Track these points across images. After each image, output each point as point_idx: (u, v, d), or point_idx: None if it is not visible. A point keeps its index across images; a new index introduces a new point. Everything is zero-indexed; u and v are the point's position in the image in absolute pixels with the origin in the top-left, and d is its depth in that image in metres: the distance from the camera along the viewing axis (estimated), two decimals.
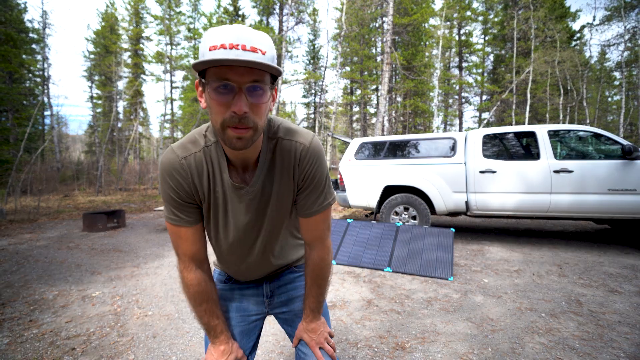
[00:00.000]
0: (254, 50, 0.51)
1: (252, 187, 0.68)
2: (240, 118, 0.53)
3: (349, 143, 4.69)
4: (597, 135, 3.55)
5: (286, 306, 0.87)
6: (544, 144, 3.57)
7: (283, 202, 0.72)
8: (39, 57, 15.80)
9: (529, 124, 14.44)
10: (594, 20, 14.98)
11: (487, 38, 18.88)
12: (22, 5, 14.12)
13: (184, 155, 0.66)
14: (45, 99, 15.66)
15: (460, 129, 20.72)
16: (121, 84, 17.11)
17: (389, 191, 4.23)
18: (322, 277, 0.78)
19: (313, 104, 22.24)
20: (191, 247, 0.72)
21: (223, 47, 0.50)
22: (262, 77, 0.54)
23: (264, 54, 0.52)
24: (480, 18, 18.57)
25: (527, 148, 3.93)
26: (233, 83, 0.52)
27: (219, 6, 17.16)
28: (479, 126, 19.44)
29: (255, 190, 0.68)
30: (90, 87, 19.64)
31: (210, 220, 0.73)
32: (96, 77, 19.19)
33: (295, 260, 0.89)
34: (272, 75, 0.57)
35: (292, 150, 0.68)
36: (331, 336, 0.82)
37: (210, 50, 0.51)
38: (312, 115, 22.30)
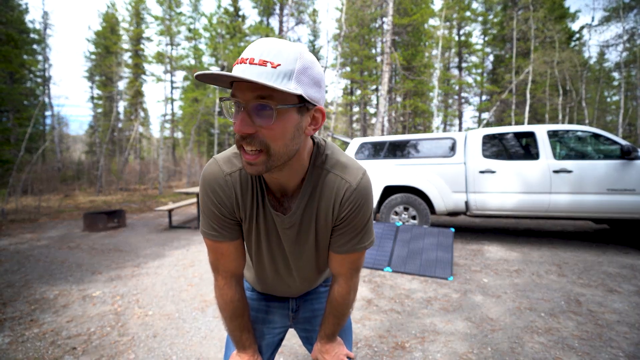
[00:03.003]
0: (262, 63, 0.45)
1: (289, 217, 0.63)
2: (241, 137, 0.50)
3: (349, 143, 4.70)
4: (596, 136, 3.56)
5: (309, 323, 0.86)
6: (544, 144, 3.58)
7: (320, 236, 0.67)
8: (39, 57, 15.84)
9: (528, 124, 14.45)
10: (592, 21, 15.01)
11: (486, 38, 18.89)
12: (23, 6, 14.15)
13: (229, 171, 0.62)
14: (46, 99, 15.69)
15: (460, 129, 20.73)
16: (122, 84, 17.13)
17: (389, 191, 4.24)
18: (339, 312, 0.74)
19: None
20: (233, 263, 0.69)
21: (237, 63, 0.47)
22: (267, 93, 0.47)
23: (275, 67, 0.45)
24: (480, 18, 18.59)
25: (526, 148, 3.93)
26: (239, 100, 0.48)
27: (219, 6, 17.17)
28: (479, 126, 19.46)
29: (293, 221, 0.64)
30: (91, 88, 19.68)
31: (245, 238, 0.71)
32: (97, 78, 19.22)
33: (323, 280, 0.88)
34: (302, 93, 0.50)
35: (336, 187, 0.62)
36: (350, 358, 0.79)
37: (233, 66, 0.48)
38: None
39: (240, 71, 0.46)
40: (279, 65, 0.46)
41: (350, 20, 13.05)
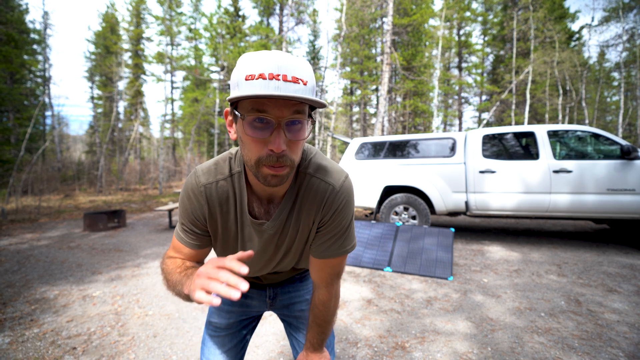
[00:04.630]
0: (295, 80, 0.46)
1: (273, 221, 0.64)
2: (278, 157, 0.50)
3: (349, 143, 4.70)
4: (596, 136, 3.56)
5: (287, 309, 0.89)
6: (543, 144, 3.58)
7: (302, 240, 0.69)
8: (40, 57, 15.85)
9: (528, 124, 14.45)
10: (592, 21, 15.01)
11: (486, 38, 18.89)
12: (24, 6, 14.16)
13: (205, 183, 0.62)
14: (46, 99, 15.70)
15: (460, 129, 20.73)
16: (122, 85, 17.13)
17: (389, 191, 4.24)
18: (322, 320, 0.73)
19: None
20: (186, 258, 0.69)
21: (262, 77, 0.45)
22: (302, 109, 0.49)
23: (305, 84, 0.47)
24: (480, 19, 18.59)
25: (526, 148, 3.93)
26: (271, 117, 0.47)
27: (219, 7, 17.19)
28: (479, 126, 19.45)
29: (276, 226, 0.65)
30: (91, 88, 19.68)
31: (220, 247, 0.71)
32: (97, 78, 19.22)
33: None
34: (311, 106, 0.52)
35: (320, 190, 0.63)
36: None
37: (247, 79, 0.46)
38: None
39: (275, 88, 0.45)
40: (307, 82, 0.48)
41: (350, 20, 13.04)
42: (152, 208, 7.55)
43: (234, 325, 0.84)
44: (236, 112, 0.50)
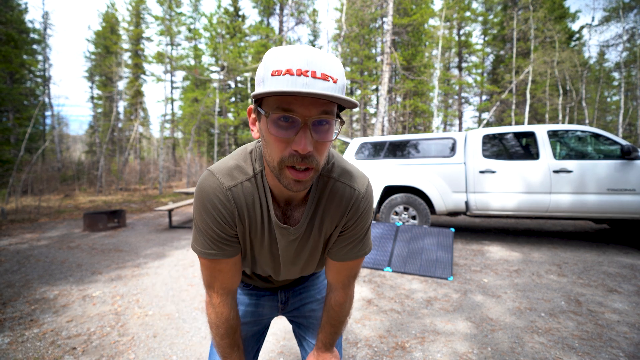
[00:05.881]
0: (324, 77, 0.43)
1: (297, 229, 0.61)
2: (302, 157, 0.47)
3: (349, 143, 4.70)
4: (596, 136, 3.56)
5: (297, 310, 0.88)
6: (544, 144, 3.58)
7: (322, 244, 0.68)
8: (39, 57, 15.84)
9: (528, 124, 14.46)
10: (592, 21, 15.01)
11: (486, 38, 18.90)
12: (23, 6, 14.15)
13: (230, 185, 0.57)
14: (46, 99, 15.70)
15: (460, 129, 20.73)
16: (121, 84, 17.13)
17: (389, 191, 4.24)
18: (337, 320, 0.73)
19: None
20: (231, 279, 0.65)
21: (289, 72, 0.42)
22: (331, 109, 0.46)
23: (335, 82, 0.44)
24: (480, 18, 18.60)
25: (526, 148, 3.93)
26: (297, 116, 0.44)
27: (219, 6, 17.19)
28: (479, 126, 19.45)
29: (301, 232, 0.62)
30: (91, 88, 19.68)
31: (248, 257, 0.69)
32: (97, 78, 19.22)
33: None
34: (339, 105, 0.49)
35: (346, 195, 0.61)
36: None
37: (273, 75, 0.43)
38: None
39: (303, 86, 0.42)
40: (337, 79, 0.45)
41: (350, 20, 13.04)
42: (152, 208, 7.55)
43: (246, 340, 0.81)
44: (259, 109, 0.47)
